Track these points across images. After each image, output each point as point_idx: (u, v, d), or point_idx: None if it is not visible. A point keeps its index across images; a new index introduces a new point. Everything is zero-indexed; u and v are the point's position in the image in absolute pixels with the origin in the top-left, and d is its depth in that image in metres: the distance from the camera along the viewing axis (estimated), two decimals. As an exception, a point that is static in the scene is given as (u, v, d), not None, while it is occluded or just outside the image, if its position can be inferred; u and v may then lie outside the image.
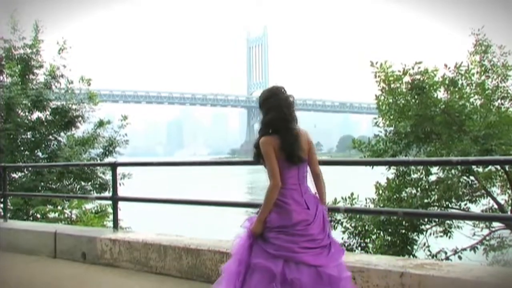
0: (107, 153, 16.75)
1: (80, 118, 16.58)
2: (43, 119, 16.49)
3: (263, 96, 4.02)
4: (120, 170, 13.87)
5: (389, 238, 11.09)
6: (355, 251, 11.05)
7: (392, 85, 11.67)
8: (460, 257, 11.28)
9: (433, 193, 11.47)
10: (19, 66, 16.10)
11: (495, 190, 12.08)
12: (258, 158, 3.92)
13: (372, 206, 11.26)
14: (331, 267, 3.66)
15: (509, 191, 11.95)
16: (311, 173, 4.02)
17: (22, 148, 16.38)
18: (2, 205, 10.99)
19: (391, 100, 11.82)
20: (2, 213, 10.37)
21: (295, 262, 3.62)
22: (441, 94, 11.56)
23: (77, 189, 15.92)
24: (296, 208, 3.74)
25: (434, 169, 11.73)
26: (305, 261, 3.61)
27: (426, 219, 11.14)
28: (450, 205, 11.49)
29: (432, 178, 11.73)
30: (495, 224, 11.49)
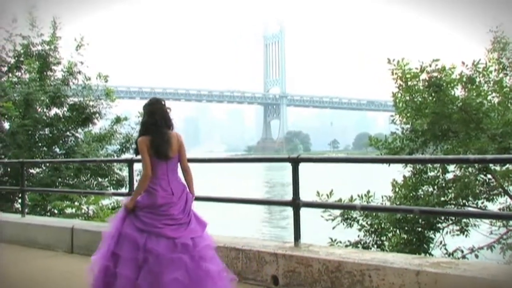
0: (124, 149, 16.82)
1: (97, 115, 16.67)
2: (61, 115, 16.63)
3: (145, 104, 5.13)
4: (137, 166, 13.92)
5: (405, 236, 11.04)
6: (371, 249, 11.03)
7: (409, 83, 11.60)
8: (476, 256, 11.21)
9: (449, 191, 11.39)
10: (37, 62, 16.22)
11: (513, 189, 11.97)
12: (136, 153, 5.02)
13: (388, 204, 11.21)
14: (186, 238, 4.74)
15: (527, 190, 11.85)
16: (181, 168, 5.09)
17: (40, 144, 16.54)
18: (20, 201, 11.12)
19: (408, 98, 11.75)
20: (20, 209, 10.49)
21: (156, 235, 4.70)
22: (458, 91, 11.47)
23: (94, 185, 16.03)
24: (161, 194, 4.82)
25: (451, 167, 11.66)
26: (164, 234, 4.70)
27: (442, 217, 11.08)
28: (467, 204, 11.41)
29: (449, 176, 11.65)
30: (513, 223, 11.39)
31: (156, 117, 4.95)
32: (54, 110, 16.70)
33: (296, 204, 5.93)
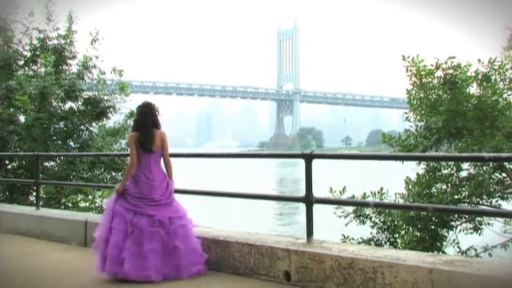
0: (137, 144, 16.80)
1: (111, 109, 16.70)
2: (76, 109, 16.68)
3: (137, 106, 6.36)
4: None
5: (418, 234, 11.01)
6: (383, 246, 11.01)
7: (424, 80, 11.54)
8: (490, 255, 11.16)
9: (463, 189, 11.35)
10: (53, 56, 16.29)
11: (528, 188, 11.89)
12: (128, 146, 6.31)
13: (401, 201, 11.19)
14: (162, 216, 5.94)
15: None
16: (163, 161, 6.32)
17: (54, 138, 16.60)
18: (35, 193, 11.19)
19: (422, 95, 11.69)
20: (34, 201, 10.55)
21: (140, 214, 5.94)
22: (473, 89, 11.41)
23: (108, 179, 16.08)
24: (144, 180, 6.05)
25: (465, 165, 11.61)
26: (145, 213, 5.94)
27: (456, 215, 11.03)
28: (480, 202, 11.36)
29: (463, 174, 11.60)
30: (527, 222, 11.32)
31: (144, 118, 6.18)
32: (69, 104, 16.76)
33: (309, 200, 5.92)
